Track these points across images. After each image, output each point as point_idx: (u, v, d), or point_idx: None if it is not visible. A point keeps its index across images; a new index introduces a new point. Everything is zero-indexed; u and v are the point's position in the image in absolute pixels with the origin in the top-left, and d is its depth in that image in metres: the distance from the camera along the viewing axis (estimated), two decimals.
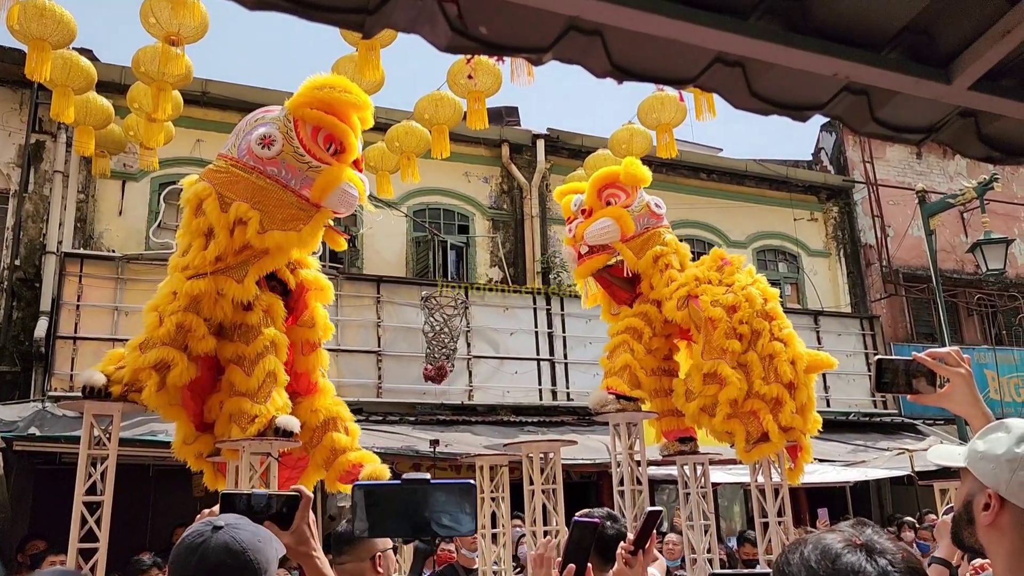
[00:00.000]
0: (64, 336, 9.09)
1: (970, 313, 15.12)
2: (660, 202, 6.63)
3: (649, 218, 6.46)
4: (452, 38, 1.31)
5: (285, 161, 4.77)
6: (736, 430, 5.86)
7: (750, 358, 5.85)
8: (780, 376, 5.77)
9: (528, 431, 10.25)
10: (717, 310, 5.92)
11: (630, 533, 2.49)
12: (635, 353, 6.11)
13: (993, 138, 1.70)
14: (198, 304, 4.72)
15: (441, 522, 1.51)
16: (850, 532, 1.36)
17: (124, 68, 8.48)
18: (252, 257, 4.83)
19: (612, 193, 6.42)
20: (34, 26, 5.96)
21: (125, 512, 6.20)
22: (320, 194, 4.75)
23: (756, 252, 14.36)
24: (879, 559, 1.29)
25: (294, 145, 4.77)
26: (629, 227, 6.31)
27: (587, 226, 6.38)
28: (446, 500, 1.50)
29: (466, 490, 1.50)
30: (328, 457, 5.07)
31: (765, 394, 5.77)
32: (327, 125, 4.77)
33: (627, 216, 6.32)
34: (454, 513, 1.50)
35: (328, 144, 4.81)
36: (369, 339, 10.55)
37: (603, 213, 6.35)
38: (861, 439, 12.09)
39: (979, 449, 1.70)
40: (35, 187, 10.01)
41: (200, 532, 1.67)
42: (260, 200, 4.74)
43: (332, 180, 4.75)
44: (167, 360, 4.64)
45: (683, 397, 6.09)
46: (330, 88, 4.78)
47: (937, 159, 16.15)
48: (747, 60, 1.46)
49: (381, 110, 8.67)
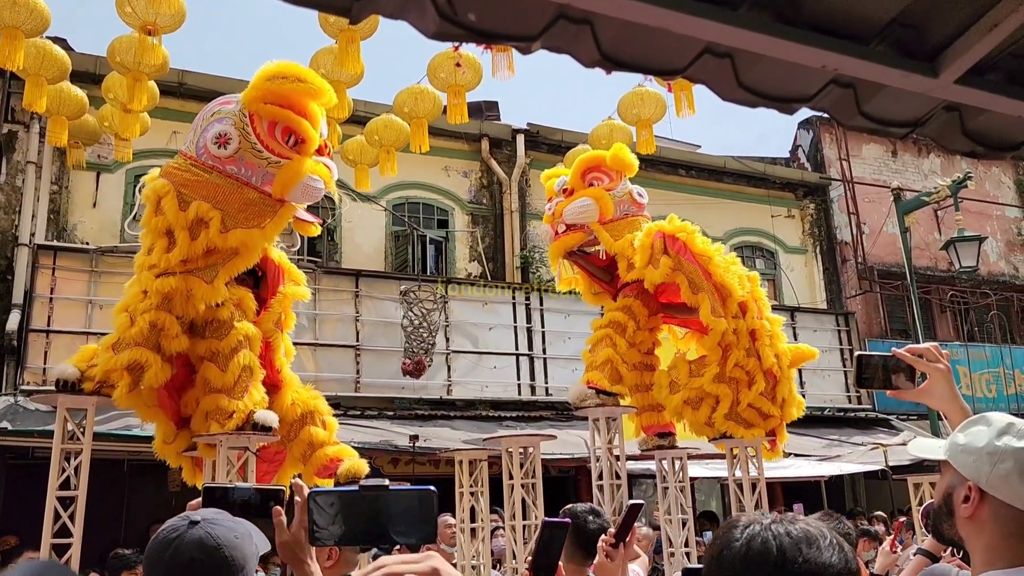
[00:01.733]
0: (37, 329, 8.96)
1: (943, 310, 15.33)
2: (643, 192, 6.64)
3: (630, 205, 6.46)
4: (440, 25, 1.30)
5: (243, 158, 4.70)
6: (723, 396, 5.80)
7: (739, 325, 5.79)
8: (762, 360, 5.76)
9: (507, 426, 10.26)
10: (731, 277, 5.85)
11: (611, 527, 2.49)
12: (617, 348, 6.11)
13: (977, 132, 1.71)
14: (170, 302, 4.65)
15: (399, 530, 1.46)
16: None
17: (99, 58, 8.34)
18: (221, 259, 4.76)
19: (596, 176, 6.43)
20: (6, 14, 5.85)
21: (99, 507, 6.12)
22: (282, 190, 4.69)
23: (734, 248, 14.44)
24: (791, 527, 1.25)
25: (251, 141, 4.70)
26: (608, 209, 6.29)
27: (567, 204, 6.37)
28: (406, 507, 1.46)
29: (426, 497, 1.47)
30: (305, 451, 5.04)
31: (745, 365, 5.76)
32: (283, 119, 4.69)
33: (607, 198, 6.30)
34: (413, 521, 1.48)
35: (287, 136, 4.74)
36: (347, 333, 10.49)
37: (583, 193, 6.34)
38: (835, 434, 12.22)
39: (960, 442, 1.72)
40: (7, 178, 9.84)
41: (175, 527, 1.63)
42: (220, 199, 4.68)
43: (293, 175, 4.68)
44: (140, 361, 4.57)
45: (666, 389, 6.09)
46: (282, 79, 4.67)
47: (912, 157, 16.34)
48: (736, 51, 1.46)
49: (360, 103, 8.66)
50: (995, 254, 16.20)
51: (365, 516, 1.47)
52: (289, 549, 1.59)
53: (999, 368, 14.36)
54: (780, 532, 1.21)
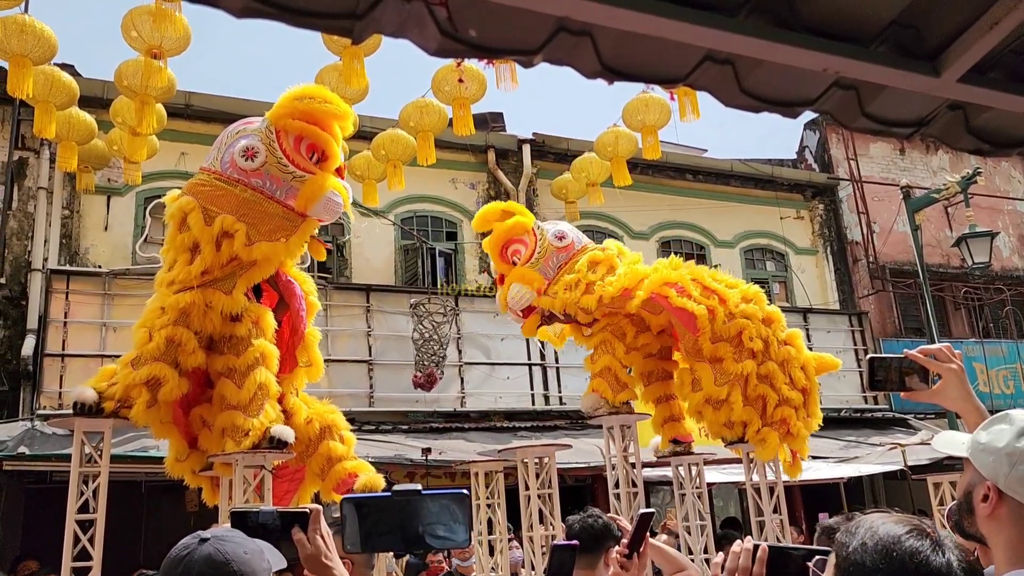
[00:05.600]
0: (52, 354, 9.01)
1: (957, 307, 15.22)
2: (562, 231, 6.36)
3: (556, 256, 6.21)
4: (441, 42, 1.31)
5: (269, 172, 4.76)
6: (750, 419, 5.78)
7: (770, 368, 5.78)
8: (795, 382, 5.77)
9: (521, 436, 10.23)
10: (722, 345, 5.81)
11: (624, 537, 2.48)
12: (616, 353, 6.09)
13: (982, 130, 1.71)
14: (187, 317, 4.69)
15: (435, 534, 1.48)
16: (916, 520, 1.34)
17: (107, 82, 8.43)
18: (239, 268, 4.81)
19: (514, 250, 6.27)
20: (15, 42, 5.92)
21: (118, 529, 6.15)
22: (306, 204, 4.74)
23: (744, 252, 14.41)
24: (947, 553, 1.27)
25: (277, 156, 4.76)
26: (538, 281, 6.14)
27: (504, 296, 6.29)
28: (439, 511, 1.48)
29: (459, 499, 1.48)
30: (324, 466, 5.04)
31: (792, 399, 5.75)
32: (309, 134, 4.76)
33: (531, 273, 6.14)
34: (448, 524, 1.48)
35: (311, 153, 4.81)
36: (360, 348, 10.50)
37: (511, 279, 6.23)
38: (853, 435, 12.12)
39: (981, 441, 1.70)
40: (19, 204, 9.92)
41: (186, 544, 1.67)
42: (245, 212, 4.73)
43: (317, 189, 4.74)
44: (158, 376, 4.61)
45: (688, 386, 6.04)
46: (310, 99, 4.78)
47: (920, 155, 16.27)
48: (737, 57, 1.46)
49: (366, 119, 8.71)
50: (1008, 249, 16.08)
51: (399, 522, 1.47)
52: (314, 560, 1.63)
53: (1016, 364, 14.23)
54: None
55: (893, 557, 1.25)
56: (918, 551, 1.25)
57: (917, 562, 1.24)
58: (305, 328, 5.25)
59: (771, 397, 5.74)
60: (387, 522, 1.50)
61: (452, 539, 1.51)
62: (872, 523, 1.32)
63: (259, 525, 1.68)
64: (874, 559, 1.26)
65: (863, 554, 1.27)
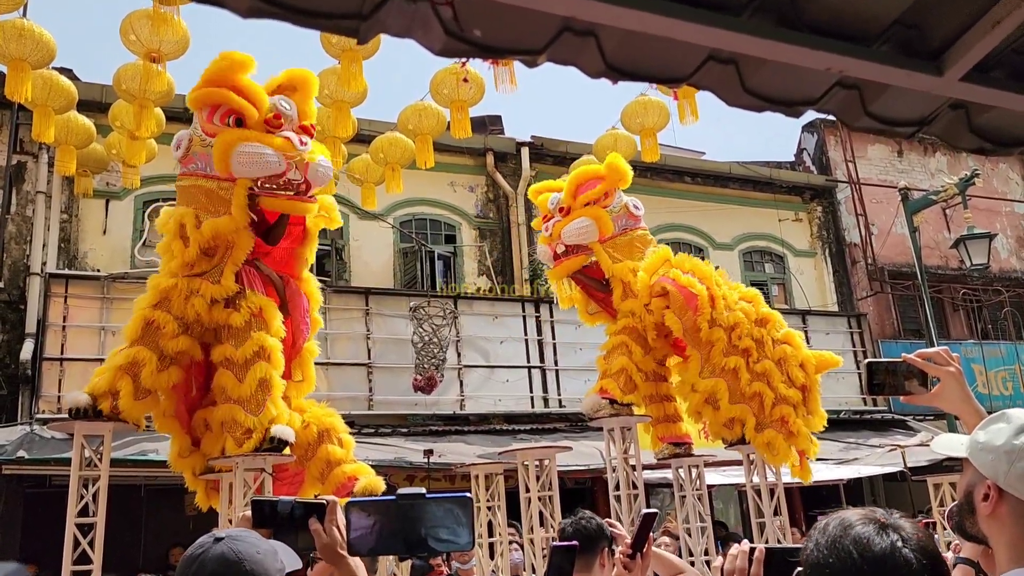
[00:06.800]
0: (51, 358, 9.00)
1: (956, 308, 15.24)
2: (639, 203, 6.53)
3: (627, 219, 6.37)
4: (446, 42, 1.31)
5: (196, 153, 4.94)
6: (745, 416, 5.80)
7: (766, 366, 5.79)
8: (793, 380, 5.77)
9: (521, 439, 10.23)
10: (717, 331, 5.84)
11: (627, 537, 2.48)
12: (633, 355, 6.07)
13: (984, 129, 1.71)
14: (168, 302, 4.73)
15: (438, 537, 1.49)
16: (870, 510, 1.37)
17: (105, 86, 8.42)
18: (221, 257, 4.85)
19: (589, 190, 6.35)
20: (13, 46, 5.91)
21: (117, 533, 6.14)
22: (222, 165, 4.76)
23: (742, 254, 14.41)
24: (891, 533, 1.29)
25: (200, 136, 4.90)
26: (608, 227, 6.21)
27: (564, 225, 6.28)
28: (443, 515, 1.49)
29: (463, 503, 1.49)
30: (323, 470, 5.04)
31: (790, 397, 5.76)
32: (213, 99, 4.82)
33: (606, 216, 6.23)
34: (451, 527, 1.48)
35: (227, 118, 4.83)
36: (359, 352, 10.50)
37: (581, 212, 6.25)
38: (852, 437, 12.13)
39: (980, 440, 1.71)
40: (17, 208, 9.92)
41: (201, 543, 1.70)
42: (191, 198, 4.92)
43: (223, 147, 4.71)
44: (137, 359, 4.58)
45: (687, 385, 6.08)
46: (212, 66, 4.86)
47: (918, 156, 16.30)
48: (740, 57, 1.47)
49: (364, 122, 8.70)
50: (1006, 251, 16.11)
51: (403, 525, 1.48)
52: (330, 550, 1.67)
53: (1015, 365, 14.24)
54: None
55: (840, 548, 1.28)
56: (861, 537, 1.28)
57: (860, 548, 1.27)
58: (304, 342, 5.24)
59: (767, 395, 5.74)
60: (391, 526, 1.50)
61: (455, 542, 1.51)
62: (828, 520, 1.36)
63: (277, 514, 1.71)
64: (824, 554, 1.29)
65: (816, 552, 1.31)
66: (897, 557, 1.25)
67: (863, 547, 1.26)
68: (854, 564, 1.26)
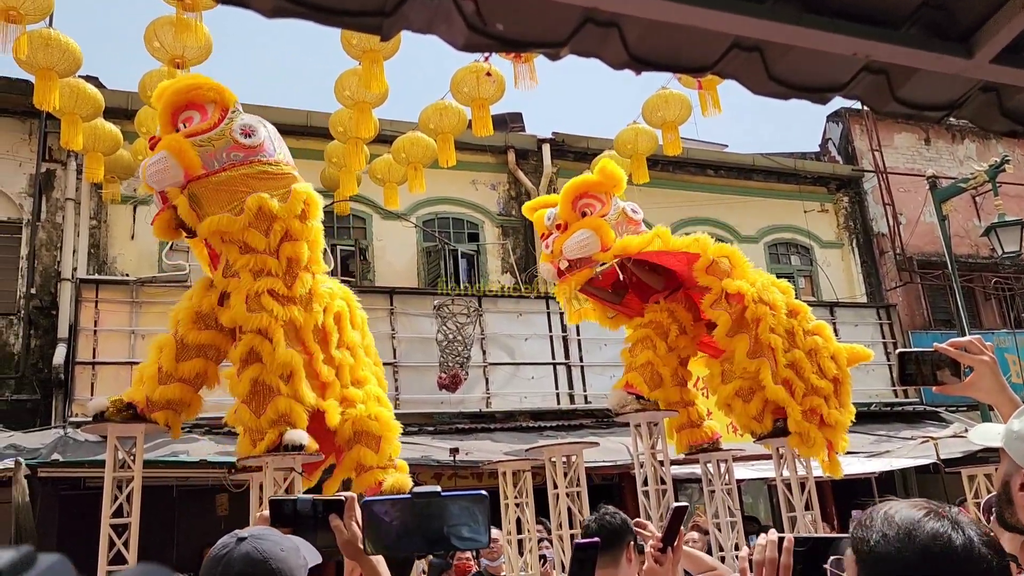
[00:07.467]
0: (83, 362, 9.13)
1: (987, 297, 15.00)
2: (636, 207, 6.38)
3: (627, 225, 6.20)
4: (469, 36, 1.31)
5: None
6: (785, 400, 5.72)
7: (796, 356, 5.73)
8: (825, 372, 5.72)
9: (547, 436, 10.22)
10: (762, 307, 5.75)
11: (657, 532, 2.47)
12: (657, 350, 6.03)
13: (1016, 111, 1.68)
14: None
15: (460, 535, 1.49)
16: (925, 501, 1.34)
17: (131, 93, 8.52)
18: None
19: (587, 203, 6.18)
20: (40, 56, 6.01)
21: (150, 533, 6.21)
22: None
23: (768, 246, 14.29)
24: (966, 529, 1.26)
25: None
26: (609, 237, 6.03)
27: (564, 240, 6.09)
28: (459, 512, 1.49)
29: (478, 500, 1.49)
30: (355, 471, 5.05)
31: (821, 388, 5.70)
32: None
33: (606, 225, 6.04)
34: (470, 524, 1.49)
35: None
36: (384, 351, 10.48)
37: (580, 225, 6.07)
38: (884, 429, 11.99)
39: (1015, 429, 1.68)
40: (47, 215, 10.07)
41: (225, 544, 1.71)
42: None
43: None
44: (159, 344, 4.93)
45: (717, 378, 6.02)
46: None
47: (946, 144, 16.05)
48: (765, 44, 1.45)
49: (386, 122, 8.74)
50: None
51: (420, 523, 1.49)
52: (351, 546, 1.69)
53: None
54: None
55: (916, 542, 1.24)
56: (940, 532, 1.24)
57: (941, 543, 1.23)
58: None
59: (798, 386, 5.68)
60: (409, 524, 1.51)
61: (478, 540, 1.52)
62: (887, 513, 1.31)
63: (295, 512, 1.72)
64: (897, 548, 1.25)
65: (885, 544, 1.26)
66: (975, 553, 1.22)
67: (944, 544, 1.23)
68: (934, 559, 1.22)
